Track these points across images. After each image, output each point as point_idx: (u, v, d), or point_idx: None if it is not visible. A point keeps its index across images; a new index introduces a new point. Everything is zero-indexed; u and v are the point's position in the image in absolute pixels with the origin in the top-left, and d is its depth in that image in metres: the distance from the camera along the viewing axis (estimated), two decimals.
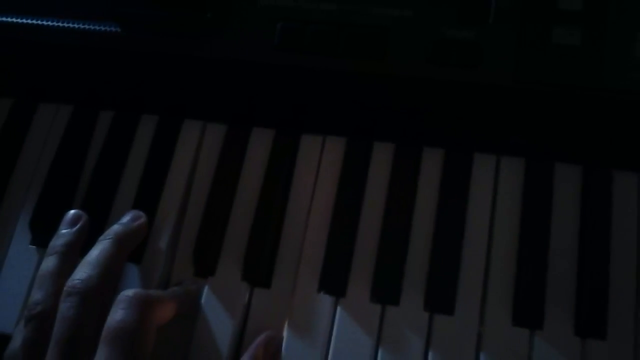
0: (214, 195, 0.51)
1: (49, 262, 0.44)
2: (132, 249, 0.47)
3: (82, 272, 0.42)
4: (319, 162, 0.51)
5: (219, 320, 0.47)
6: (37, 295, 0.42)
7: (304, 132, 0.52)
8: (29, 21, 0.52)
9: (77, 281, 0.41)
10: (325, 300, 0.47)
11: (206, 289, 0.48)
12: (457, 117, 0.48)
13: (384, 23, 0.47)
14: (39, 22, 0.52)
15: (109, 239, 0.45)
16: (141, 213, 0.49)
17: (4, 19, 0.52)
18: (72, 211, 0.48)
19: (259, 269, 0.48)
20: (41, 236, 0.51)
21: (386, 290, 0.46)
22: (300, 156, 0.51)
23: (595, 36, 0.45)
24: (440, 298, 0.45)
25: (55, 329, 0.40)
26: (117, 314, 0.39)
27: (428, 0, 0.47)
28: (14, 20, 0.52)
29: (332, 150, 0.51)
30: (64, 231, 0.46)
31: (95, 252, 0.43)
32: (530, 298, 0.44)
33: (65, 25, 0.52)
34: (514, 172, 0.48)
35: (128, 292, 0.40)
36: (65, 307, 0.40)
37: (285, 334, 0.46)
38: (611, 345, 0.43)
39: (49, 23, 0.52)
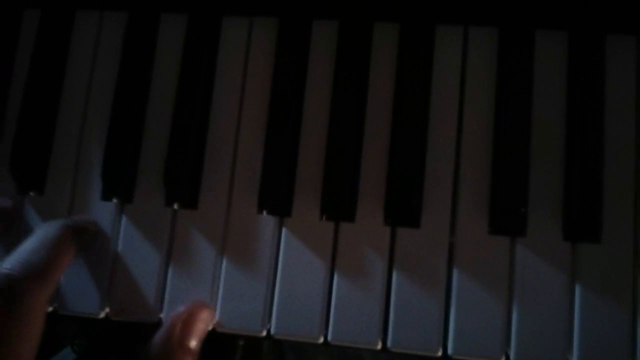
0: (120, 98, 0.41)
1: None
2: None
3: None
4: (247, 50, 0.41)
5: (141, 255, 0.39)
6: None
7: (226, 14, 0.41)
8: None
9: None
10: (268, 221, 0.39)
11: (124, 220, 0.40)
12: None
13: None
14: None
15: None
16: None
17: None
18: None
19: (181, 188, 0.39)
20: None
21: (338, 205, 0.38)
22: (223, 45, 0.41)
23: None
24: (403, 208, 0.37)
25: None
26: None
27: None
28: None
29: (262, 35, 0.41)
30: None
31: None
32: (510, 199, 0.37)
33: None
34: (486, 44, 0.39)
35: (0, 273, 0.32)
36: None
37: (223, 263, 0.39)
38: (606, 249, 0.36)
39: None
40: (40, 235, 0.36)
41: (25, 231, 0.40)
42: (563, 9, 0.39)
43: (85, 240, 0.38)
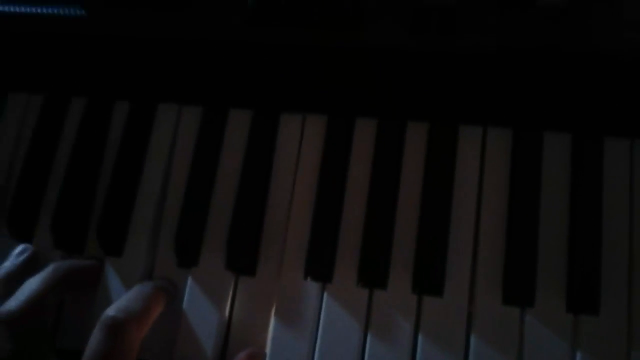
0: (193, 181, 0.49)
1: None
2: (76, 285, 0.47)
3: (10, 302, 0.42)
4: (300, 142, 0.49)
5: (204, 312, 0.46)
6: None
7: (283, 111, 0.50)
8: None
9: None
10: (312, 286, 0.45)
11: (189, 280, 0.47)
12: (440, 88, 0.46)
13: None
14: (5, 9, 0.50)
15: (48, 270, 0.45)
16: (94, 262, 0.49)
17: None
18: (21, 245, 0.49)
19: (243, 256, 0.47)
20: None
21: (373, 274, 0.45)
22: (280, 137, 0.49)
23: None
24: (429, 279, 0.44)
25: None
26: (93, 340, 0.39)
27: None
28: None
29: (313, 129, 0.49)
30: (7, 264, 0.48)
31: (29, 281, 0.44)
32: (521, 275, 0.43)
33: (29, 10, 0.49)
34: (502, 143, 0.46)
35: (107, 315, 0.40)
36: None
37: (272, 322, 0.45)
38: (604, 320, 0.42)
39: (11, 9, 0.50)
40: (138, 290, 0.44)
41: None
42: (567, 113, 0.46)
43: (169, 298, 0.46)
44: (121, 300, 0.43)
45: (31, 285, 0.44)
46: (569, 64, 0.43)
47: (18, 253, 0.49)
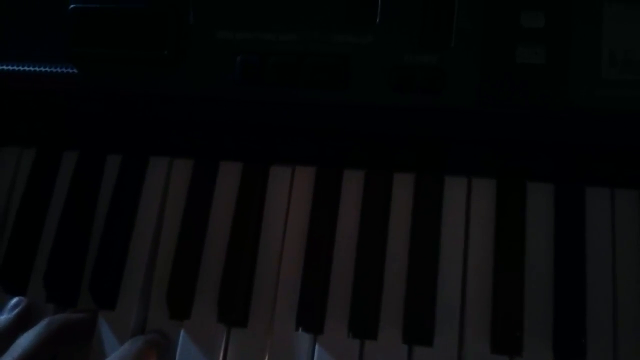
0: (184, 233, 0.50)
1: None
2: (70, 339, 0.47)
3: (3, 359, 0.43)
4: (290, 193, 0.50)
5: None
6: None
7: (273, 163, 0.51)
8: None
9: None
10: (304, 337, 0.46)
11: (182, 333, 0.47)
12: (425, 142, 0.47)
13: (344, 51, 0.46)
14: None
15: (40, 325, 0.45)
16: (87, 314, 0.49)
17: None
18: (15, 299, 0.49)
19: (235, 309, 0.47)
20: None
21: (363, 325, 0.45)
22: (270, 189, 0.50)
23: (560, 54, 0.44)
24: (419, 329, 0.45)
25: None
26: None
27: (388, 26, 0.46)
28: None
29: (302, 181, 0.50)
30: (1, 318, 0.48)
31: (23, 337, 0.44)
32: (509, 324, 0.44)
33: (20, 69, 0.50)
34: (486, 192, 0.48)
35: None
36: None
37: None
38: None
39: (3, 67, 0.50)
40: (129, 346, 0.45)
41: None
42: (550, 164, 0.47)
43: (161, 351, 0.46)
44: (114, 355, 0.43)
45: (25, 341, 0.44)
46: (548, 119, 0.44)
47: (12, 306, 0.49)
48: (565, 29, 0.44)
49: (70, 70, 0.50)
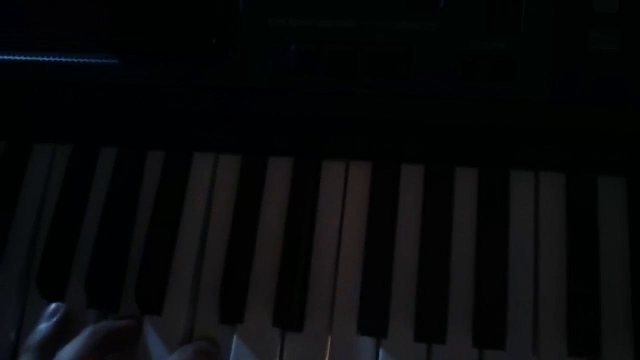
0: (234, 234, 0.47)
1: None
2: (115, 347, 0.44)
3: None
4: (344, 190, 0.47)
5: None
6: None
7: (325, 158, 0.48)
8: (23, 58, 0.48)
9: None
10: (366, 342, 0.43)
11: (235, 339, 0.45)
12: (490, 135, 0.45)
13: (406, 38, 0.44)
14: (34, 58, 0.48)
15: (85, 334, 0.43)
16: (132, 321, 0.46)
17: None
18: (53, 305, 0.47)
19: (291, 312, 0.44)
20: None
21: (431, 328, 0.43)
22: (324, 185, 0.47)
23: (635, 40, 0.42)
24: (491, 332, 0.42)
25: None
26: None
27: (452, 11, 0.44)
28: (6, 58, 0.48)
29: (357, 176, 0.47)
30: (41, 326, 0.45)
31: (67, 348, 0.42)
32: (587, 326, 0.41)
33: (62, 60, 0.47)
34: (555, 187, 0.45)
35: None
36: None
37: None
38: None
39: (45, 59, 0.48)
40: (179, 355, 0.42)
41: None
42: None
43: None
44: None
45: (70, 352, 0.41)
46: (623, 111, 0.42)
47: (50, 313, 0.46)
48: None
49: (110, 61, 0.47)
